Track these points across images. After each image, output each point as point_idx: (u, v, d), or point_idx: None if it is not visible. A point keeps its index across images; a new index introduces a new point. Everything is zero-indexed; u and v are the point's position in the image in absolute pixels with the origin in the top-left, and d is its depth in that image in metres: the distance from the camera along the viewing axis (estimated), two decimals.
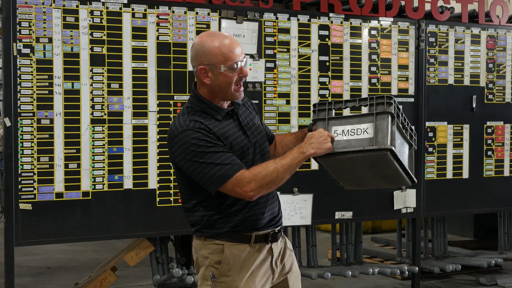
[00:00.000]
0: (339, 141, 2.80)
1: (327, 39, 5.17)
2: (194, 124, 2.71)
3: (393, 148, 2.72)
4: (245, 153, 2.78)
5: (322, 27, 5.15)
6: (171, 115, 4.65)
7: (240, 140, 2.79)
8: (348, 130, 2.80)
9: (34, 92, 4.33)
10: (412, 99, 5.48)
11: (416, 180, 2.99)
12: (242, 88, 2.80)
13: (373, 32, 5.33)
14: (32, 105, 4.32)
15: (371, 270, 5.45)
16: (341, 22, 5.21)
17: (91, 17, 4.45)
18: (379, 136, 2.73)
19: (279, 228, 2.91)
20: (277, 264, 2.90)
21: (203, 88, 2.80)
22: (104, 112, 4.50)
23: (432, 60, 5.56)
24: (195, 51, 2.76)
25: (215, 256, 2.80)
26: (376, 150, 2.73)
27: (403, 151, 2.91)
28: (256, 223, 2.81)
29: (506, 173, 5.92)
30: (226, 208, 2.78)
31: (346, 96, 5.23)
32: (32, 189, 4.33)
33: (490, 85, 5.82)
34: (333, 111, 2.89)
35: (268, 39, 4.97)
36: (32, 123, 4.33)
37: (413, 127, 3.03)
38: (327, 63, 5.18)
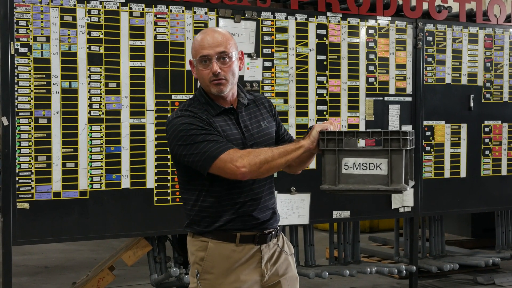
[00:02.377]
0: (351, 174, 2.71)
1: (324, 38, 5.17)
2: (188, 113, 2.75)
3: (407, 187, 2.69)
4: None
5: (319, 26, 5.15)
6: (169, 114, 4.63)
7: (235, 138, 2.78)
8: (360, 163, 2.72)
9: (32, 91, 4.32)
10: (410, 98, 5.49)
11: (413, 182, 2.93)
12: (219, 82, 2.74)
13: (370, 31, 5.33)
14: (30, 104, 4.32)
15: (368, 269, 5.45)
16: (339, 21, 5.22)
17: (88, 16, 4.45)
18: (394, 174, 2.67)
19: (270, 231, 2.86)
20: (268, 267, 2.85)
21: None
22: (101, 111, 4.50)
23: (429, 59, 5.56)
24: None
25: (200, 253, 2.81)
26: (391, 191, 2.70)
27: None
28: (243, 224, 2.79)
29: (504, 172, 5.92)
30: (213, 207, 2.78)
31: (344, 95, 5.23)
32: (29, 188, 4.33)
33: (488, 84, 5.82)
34: (344, 142, 2.73)
35: (266, 38, 4.97)
36: (29, 122, 4.32)
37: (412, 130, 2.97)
38: (325, 62, 5.18)
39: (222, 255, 2.78)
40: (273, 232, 2.87)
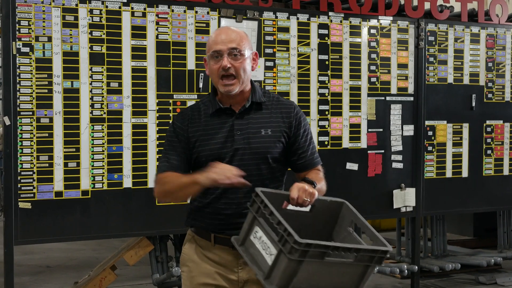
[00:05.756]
0: (253, 245, 2.53)
1: (326, 38, 5.17)
2: (177, 117, 2.85)
3: None
4: (219, 155, 2.72)
5: (321, 26, 5.15)
6: (171, 114, 4.64)
7: (216, 142, 2.73)
8: (263, 240, 2.48)
9: (34, 91, 4.33)
10: (412, 98, 5.48)
11: None
12: (227, 82, 2.70)
13: (372, 31, 5.33)
14: (32, 104, 4.32)
15: None
16: (341, 21, 5.21)
17: (90, 16, 4.45)
18: (274, 272, 2.40)
19: None
20: (244, 273, 2.76)
21: None
22: (103, 111, 4.50)
23: (431, 59, 5.56)
24: None
25: (184, 245, 2.90)
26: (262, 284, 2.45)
27: (326, 280, 2.46)
28: (215, 226, 2.76)
29: (506, 172, 5.92)
30: (193, 202, 2.82)
31: (346, 95, 5.23)
32: (31, 188, 4.33)
33: (490, 84, 5.82)
34: (261, 212, 2.49)
35: (268, 38, 4.97)
36: (31, 122, 4.33)
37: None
38: (327, 62, 5.18)
39: (197, 251, 2.81)
40: None
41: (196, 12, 4.74)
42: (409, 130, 5.48)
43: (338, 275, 2.47)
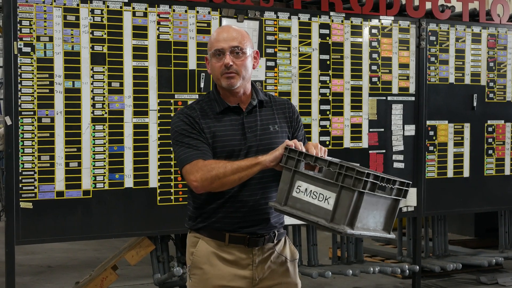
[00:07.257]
0: (299, 199, 2.59)
1: (327, 38, 5.17)
2: (187, 111, 2.80)
3: (347, 231, 2.48)
4: (233, 153, 2.75)
5: (322, 25, 5.15)
6: (172, 114, 4.64)
7: (230, 139, 2.76)
8: (311, 190, 2.56)
9: (35, 90, 4.33)
10: (413, 98, 5.48)
11: (392, 236, 2.70)
12: (229, 76, 2.74)
13: (373, 30, 5.33)
14: (33, 103, 4.32)
15: (371, 269, 5.45)
16: (342, 21, 5.21)
17: (91, 16, 4.45)
18: (338, 212, 2.49)
19: (262, 234, 2.80)
20: (259, 270, 2.80)
21: None
22: (104, 110, 4.50)
23: (432, 59, 5.56)
24: None
25: (191, 248, 2.85)
26: (329, 228, 2.51)
27: (373, 215, 2.60)
28: (231, 225, 2.77)
29: (507, 172, 5.92)
30: (205, 204, 2.79)
31: (347, 95, 5.23)
32: (32, 187, 4.33)
33: (491, 84, 5.82)
34: (302, 164, 2.59)
35: (269, 37, 4.96)
36: (32, 122, 4.33)
37: (401, 180, 2.64)
38: (328, 62, 5.18)
39: (211, 252, 2.78)
40: (267, 236, 2.82)
41: (197, 12, 4.74)
42: (410, 130, 5.48)
43: (379, 211, 2.60)
